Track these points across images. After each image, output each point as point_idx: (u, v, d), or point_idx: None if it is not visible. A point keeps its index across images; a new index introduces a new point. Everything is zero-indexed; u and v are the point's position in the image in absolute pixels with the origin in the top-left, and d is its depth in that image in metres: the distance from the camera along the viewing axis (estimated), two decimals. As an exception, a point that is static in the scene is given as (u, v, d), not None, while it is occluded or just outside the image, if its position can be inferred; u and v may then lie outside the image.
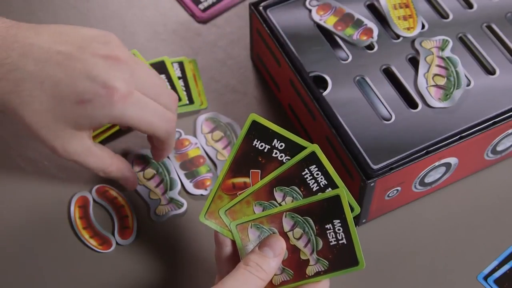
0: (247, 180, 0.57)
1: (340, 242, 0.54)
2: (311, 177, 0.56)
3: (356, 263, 0.54)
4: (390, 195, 0.66)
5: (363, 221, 0.68)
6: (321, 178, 0.56)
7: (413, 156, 0.62)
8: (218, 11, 0.83)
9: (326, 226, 0.55)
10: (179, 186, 0.70)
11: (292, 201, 0.56)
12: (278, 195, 0.57)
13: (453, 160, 0.66)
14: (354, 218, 0.68)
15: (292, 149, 0.57)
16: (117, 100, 0.58)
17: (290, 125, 0.74)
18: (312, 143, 0.57)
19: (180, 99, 0.75)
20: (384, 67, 0.68)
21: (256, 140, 0.57)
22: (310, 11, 0.72)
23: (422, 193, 0.69)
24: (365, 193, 0.63)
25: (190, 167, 0.72)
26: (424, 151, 0.63)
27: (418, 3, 0.72)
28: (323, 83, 0.67)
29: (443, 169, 0.66)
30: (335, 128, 0.64)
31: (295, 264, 0.55)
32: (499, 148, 0.69)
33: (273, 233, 0.56)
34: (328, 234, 0.55)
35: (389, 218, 0.69)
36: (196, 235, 0.68)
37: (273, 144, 0.57)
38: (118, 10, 0.84)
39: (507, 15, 0.72)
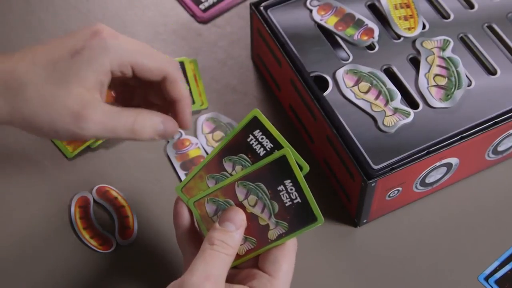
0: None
1: (295, 201, 0.54)
2: (257, 142, 0.56)
3: (314, 219, 0.54)
4: (391, 195, 0.66)
5: (364, 221, 0.68)
6: (267, 142, 0.56)
7: (414, 156, 0.62)
8: (218, 11, 0.83)
9: (278, 188, 0.54)
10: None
11: (242, 169, 0.56)
12: (227, 166, 0.57)
13: (454, 160, 0.66)
14: (354, 217, 0.68)
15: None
16: (107, 36, 0.56)
17: (291, 125, 0.74)
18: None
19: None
20: (385, 67, 0.68)
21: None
22: (311, 11, 0.72)
23: (423, 193, 0.69)
24: (366, 193, 0.63)
25: (190, 167, 0.72)
26: (425, 151, 0.63)
27: (419, 3, 0.72)
28: (323, 83, 0.67)
29: (444, 169, 0.66)
30: (336, 128, 0.64)
31: (256, 231, 0.55)
32: (500, 149, 0.69)
33: (230, 205, 0.56)
34: (282, 196, 0.54)
35: (390, 219, 0.69)
36: (196, 235, 0.68)
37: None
38: (118, 10, 0.84)
39: (508, 15, 0.71)
